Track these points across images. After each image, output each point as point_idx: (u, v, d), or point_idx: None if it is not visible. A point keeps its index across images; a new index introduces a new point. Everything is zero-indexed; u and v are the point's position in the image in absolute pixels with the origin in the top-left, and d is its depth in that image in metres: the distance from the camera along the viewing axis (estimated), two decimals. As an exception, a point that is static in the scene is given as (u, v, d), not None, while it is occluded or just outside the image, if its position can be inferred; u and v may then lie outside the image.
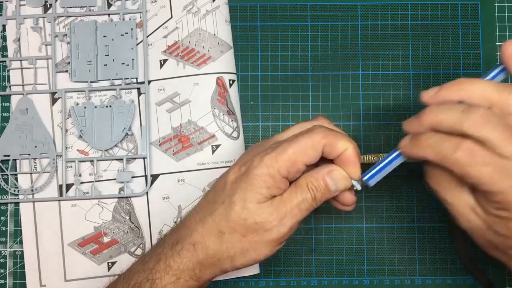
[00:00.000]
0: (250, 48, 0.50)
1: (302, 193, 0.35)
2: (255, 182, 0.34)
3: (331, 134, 0.34)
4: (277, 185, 0.34)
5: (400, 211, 0.49)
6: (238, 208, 0.34)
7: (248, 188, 0.34)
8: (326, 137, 0.34)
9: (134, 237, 0.47)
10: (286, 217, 0.34)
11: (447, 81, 0.50)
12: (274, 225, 0.34)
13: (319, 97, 0.50)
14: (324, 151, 0.35)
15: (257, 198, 0.34)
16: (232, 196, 0.34)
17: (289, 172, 0.34)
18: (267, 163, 0.34)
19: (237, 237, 0.34)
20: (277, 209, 0.34)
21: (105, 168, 0.47)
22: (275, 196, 0.35)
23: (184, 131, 0.48)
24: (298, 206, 0.34)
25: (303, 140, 0.34)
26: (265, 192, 0.34)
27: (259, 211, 0.34)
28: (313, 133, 0.34)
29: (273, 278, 0.48)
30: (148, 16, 0.49)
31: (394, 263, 0.48)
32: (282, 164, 0.34)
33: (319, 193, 0.35)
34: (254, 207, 0.34)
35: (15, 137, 0.47)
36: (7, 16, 0.49)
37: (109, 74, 0.48)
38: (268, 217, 0.34)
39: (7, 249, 0.48)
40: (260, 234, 0.34)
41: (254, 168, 0.34)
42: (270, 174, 0.34)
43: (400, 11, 0.50)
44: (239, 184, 0.35)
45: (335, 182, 0.35)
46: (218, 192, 0.36)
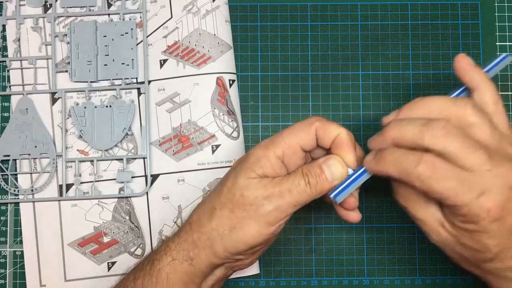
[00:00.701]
0: (250, 48, 0.50)
1: (295, 178, 0.34)
2: (250, 160, 0.35)
3: (323, 119, 0.36)
4: (271, 165, 0.35)
5: (400, 211, 0.49)
6: (230, 183, 0.35)
7: (242, 165, 0.35)
8: (319, 120, 0.35)
9: (134, 237, 0.47)
10: (273, 196, 0.34)
11: (447, 81, 0.50)
12: (260, 200, 0.34)
13: (319, 97, 0.50)
14: (318, 136, 0.35)
15: (248, 174, 0.35)
16: (228, 175, 0.36)
17: (284, 154, 0.35)
18: (262, 145, 0.36)
19: (226, 213, 0.34)
20: (265, 187, 0.34)
21: (105, 168, 0.47)
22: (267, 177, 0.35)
23: (184, 131, 0.48)
24: (289, 189, 0.34)
25: (297, 124, 0.36)
26: (257, 169, 0.35)
27: (246, 184, 0.34)
28: (308, 118, 0.36)
29: (273, 278, 0.48)
30: (148, 16, 0.49)
31: (394, 263, 0.48)
32: (277, 145, 0.35)
33: (314, 178, 0.34)
34: (243, 182, 0.34)
35: (15, 137, 0.47)
36: (7, 16, 0.49)
37: (109, 74, 0.48)
38: (253, 192, 0.34)
39: (7, 249, 0.48)
40: (246, 209, 0.34)
41: (251, 150, 0.36)
42: (265, 153, 0.35)
43: (400, 11, 0.50)
44: (236, 166, 0.36)
45: (330, 169, 0.35)
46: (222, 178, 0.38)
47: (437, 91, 0.50)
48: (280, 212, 0.34)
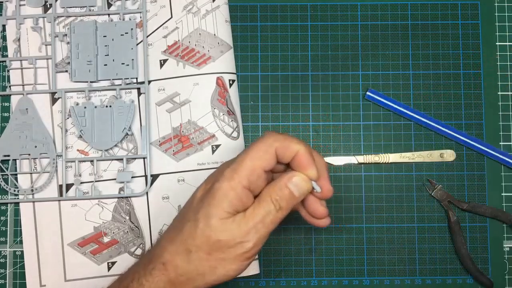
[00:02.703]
0: (250, 48, 0.50)
1: (265, 206, 0.34)
2: (217, 197, 0.34)
3: (281, 137, 0.35)
4: (239, 197, 0.34)
5: (400, 211, 0.49)
6: (202, 225, 0.34)
7: (211, 203, 0.34)
8: (278, 140, 0.35)
9: (134, 237, 0.47)
10: (249, 233, 0.34)
11: (447, 81, 0.50)
12: (237, 242, 0.34)
13: (319, 97, 0.50)
14: (278, 154, 0.35)
15: (219, 214, 0.34)
16: (197, 213, 0.34)
17: (249, 182, 0.34)
18: (227, 176, 0.34)
19: (203, 255, 0.34)
20: (239, 226, 0.34)
21: (105, 168, 0.47)
22: (239, 212, 0.34)
23: (184, 131, 0.48)
24: (262, 221, 0.34)
25: (257, 146, 0.35)
26: (227, 206, 0.34)
27: (221, 228, 0.34)
28: (265, 138, 0.35)
29: (273, 278, 0.48)
30: (148, 16, 0.49)
31: (394, 263, 0.48)
32: (241, 174, 0.34)
33: (284, 201, 0.35)
34: (217, 224, 0.34)
35: (15, 137, 0.47)
36: (7, 16, 0.49)
37: (109, 74, 0.48)
38: (230, 234, 0.34)
39: (7, 249, 0.48)
40: (225, 251, 0.34)
41: (215, 183, 0.34)
42: (232, 186, 0.34)
43: (400, 11, 0.50)
44: (203, 200, 0.35)
45: (297, 187, 0.35)
46: (186, 209, 0.37)
47: (437, 91, 0.50)
48: (259, 244, 0.35)
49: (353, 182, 0.49)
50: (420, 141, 0.49)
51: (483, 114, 0.49)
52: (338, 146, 0.49)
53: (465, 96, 0.50)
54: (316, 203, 0.37)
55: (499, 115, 0.50)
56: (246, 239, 0.34)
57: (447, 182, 0.49)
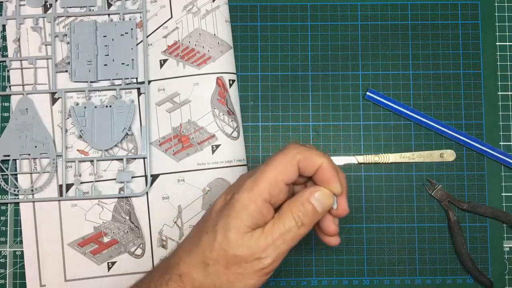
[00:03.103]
0: (250, 48, 0.50)
1: (286, 222, 0.33)
2: (237, 208, 0.33)
3: (304, 149, 0.34)
4: (259, 210, 0.33)
5: (400, 211, 0.49)
6: (220, 238, 0.33)
7: (230, 215, 0.33)
8: (301, 152, 0.34)
9: (134, 237, 0.47)
10: (268, 249, 0.33)
11: (447, 81, 0.50)
12: (256, 258, 0.33)
13: (319, 97, 0.50)
14: (300, 167, 0.34)
15: (239, 227, 0.33)
16: (216, 224, 0.34)
17: (271, 195, 0.33)
18: (247, 188, 0.33)
19: (220, 269, 0.33)
20: (257, 241, 0.33)
21: (105, 168, 0.47)
22: (258, 226, 0.34)
23: (184, 131, 0.48)
24: (282, 237, 0.33)
25: (279, 158, 0.34)
26: (246, 219, 0.33)
27: (240, 243, 0.33)
28: (287, 149, 0.34)
29: (273, 278, 0.48)
30: (148, 16, 0.49)
31: (394, 263, 0.48)
32: (262, 186, 0.33)
33: (307, 218, 0.34)
34: (235, 238, 0.33)
35: (15, 137, 0.47)
36: (7, 16, 0.49)
37: (109, 74, 0.48)
38: (247, 250, 0.33)
39: (7, 249, 0.48)
40: (242, 266, 0.33)
41: (235, 194, 0.34)
42: (251, 198, 0.33)
43: (400, 11, 0.50)
44: (223, 211, 0.34)
45: (320, 202, 0.34)
46: (205, 221, 0.36)
47: (437, 91, 0.50)
48: (278, 260, 0.34)
49: (353, 182, 0.49)
50: (420, 141, 0.49)
51: (483, 114, 0.49)
52: (338, 146, 0.49)
53: (465, 96, 0.50)
54: (329, 220, 0.36)
55: (499, 115, 0.50)
56: (264, 255, 0.33)
57: (447, 182, 0.49)
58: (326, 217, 0.36)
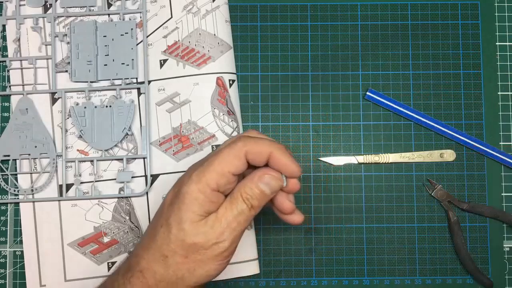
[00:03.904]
0: (250, 48, 0.50)
1: (238, 205, 0.34)
2: (186, 201, 0.34)
3: (251, 141, 0.35)
4: (209, 199, 0.34)
5: (400, 211, 0.49)
6: (175, 230, 0.34)
7: (181, 207, 0.34)
8: (247, 144, 0.34)
9: (134, 237, 0.47)
10: (224, 233, 0.34)
11: (447, 81, 0.50)
12: (214, 243, 0.34)
13: (319, 97, 0.50)
14: (250, 159, 0.35)
15: (191, 218, 0.34)
16: (169, 218, 0.34)
17: (218, 185, 0.34)
18: (194, 180, 0.34)
19: (180, 259, 0.34)
20: (213, 227, 0.34)
21: (105, 168, 0.47)
22: (211, 212, 0.34)
23: (184, 131, 0.48)
24: (236, 219, 0.34)
25: (225, 151, 0.34)
26: (198, 209, 0.34)
27: (195, 231, 0.34)
28: (234, 142, 0.35)
29: (273, 278, 0.48)
30: (148, 16, 0.49)
31: (394, 263, 0.48)
32: (210, 177, 0.34)
33: (255, 200, 0.35)
34: (190, 227, 0.34)
35: (15, 137, 0.47)
36: (7, 16, 0.49)
37: (109, 74, 0.48)
38: (204, 237, 0.34)
39: (7, 249, 0.48)
40: (201, 253, 0.34)
41: (183, 186, 0.34)
42: (200, 189, 0.34)
43: (400, 11, 0.50)
44: (173, 205, 0.35)
45: (268, 186, 0.35)
46: (158, 216, 0.36)
47: (437, 91, 0.50)
48: (235, 242, 0.35)
49: (353, 182, 0.49)
50: (420, 141, 0.49)
51: (483, 114, 0.49)
52: (338, 146, 0.49)
53: (465, 96, 0.50)
54: (282, 197, 0.37)
55: (499, 115, 0.50)
56: (222, 239, 0.34)
57: (447, 182, 0.49)
58: (279, 195, 0.37)
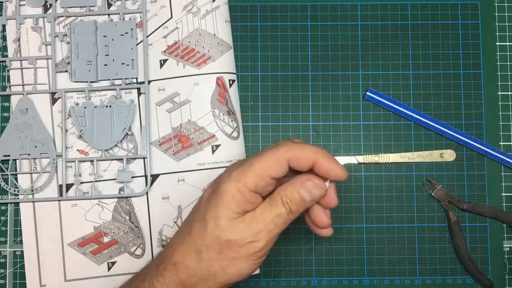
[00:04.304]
0: (250, 48, 0.50)
1: (277, 208, 0.34)
2: (224, 198, 0.34)
3: (295, 147, 0.35)
4: (246, 199, 0.34)
5: (400, 211, 0.49)
6: (211, 226, 0.34)
7: (218, 204, 0.34)
8: (290, 150, 0.35)
9: (134, 237, 0.47)
10: (260, 233, 0.34)
11: (447, 81, 0.50)
12: (249, 241, 0.34)
13: (319, 97, 0.50)
14: (293, 166, 0.35)
15: (228, 215, 0.34)
16: (205, 214, 0.35)
17: (256, 186, 0.34)
18: (233, 179, 0.34)
19: (214, 255, 0.34)
20: (249, 226, 0.34)
21: (105, 168, 0.47)
22: (248, 211, 0.34)
23: (184, 131, 0.48)
24: (273, 221, 0.34)
25: (268, 155, 0.35)
26: (235, 207, 0.34)
27: (231, 228, 0.34)
28: (278, 147, 0.35)
29: (273, 278, 0.48)
30: (148, 16, 0.49)
31: (394, 263, 0.48)
32: (249, 179, 0.34)
33: (294, 205, 0.35)
34: (226, 224, 0.34)
35: (15, 137, 0.47)
36: (7, 16, 0.49)
37: (109, 74, 0.48)
38: (240, 234, 0.34)
39: (7, 249, 0.48)
40: (235, 251, 0.34)
41: (222, 184, 0.35)
42: (238, 188, 0.34)
43: (400, 11, 0.50)
44: (210, 201, 0.35)
45: (309, 193, 0.35)
46: (195, 211, 0.37)
47: (437, 91, 0.50)
48: (270, 243, 0.35)
49: (353, 182, 0.49)
50: (420, 141, 0.49)
51: (483, 114, 0.49)
52: (338, 146, 0.49)
53: (465, 96, 0.50)
54: (320, 212, 0.37)
55: (499, 115, 0.50)
56: (257, 239, 0.34)
57: (447, 182, 0.49)
58: (317, 210, 0.37)
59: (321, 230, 0.38)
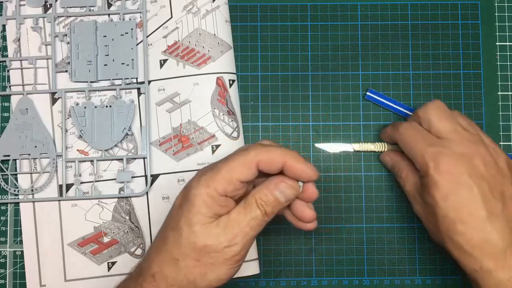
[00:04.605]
0: (250, 48, 0.50)
1: (252, 211, 0.34)
2: (196, 203, 0.34)
3: (263, 151, 0.35)
4: (217, 203, 0.34)
5: (400, 211, 0.49)
6: (186, 233, 0.34)
7: (190, 210, 0.34)
8: (259, 154, 0.34)
9: (134, 237, 0.47)
10: (237, 237, 0.34)
11: (447, 81, 0.50)
12: (225, 246, 0.34)
13: (319, 97, 0.50)
14: (263, 168, 0.35)
15: (200, 220, 0.34)
16: (179, 221, 0.34)
17: (225, 191, 0.34)
18: (202, 184, 0.34)
19: (191, 262, 0.34)
20: (224, 230, 0.34)
21: (105, 168, 0.47)
22: (221, 215, 0.34)
23: (184, 131, 0.48)
24: (249, 224, 0.34)
25: (236, 158, 0.35)
26: (207, 212, 0.34)
27: (206, 234, 0.34)
28: (246, 151, 0.35)
29: (273, 278, 0.48)
30: (148, 16, 0.49)
31: (394, 263, 0.48)
32: (218, 183, 0.34)
33: (269, 207, 0.35)
34: (200, 230, 0.34)
35: (15, 137, 0.47)
36: (7, 16, 0.49)
37: (109, 74, 0.48)
38: (216, 239, 0.34)
39: (7, 249, 0.48)
40: (213, 256, 0.34)
41: (192, 189, 0.34)
42: (208, 193, 0.34)
43: (400, 11, 0.50)
44: (183, 208, 0.35)
45: (283, 194, 0.35)
46: (168, 219, 0.37)
47: (437, 91, 0.50)
48: (246, 247, 0.35)
49: (353, 182, 0.49)
50: (420, 141, 0.49)
51: (483, 114, 0.49)
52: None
53: (465, 96, 0.50)
54: (302, 206, 0.37)
55: (499, 115, 0.50)
56: (234, 243, 0.34)
57: (447, 182, 0.49)
58: (300, 204, 0.37)
59: (306, 225, 0.38)
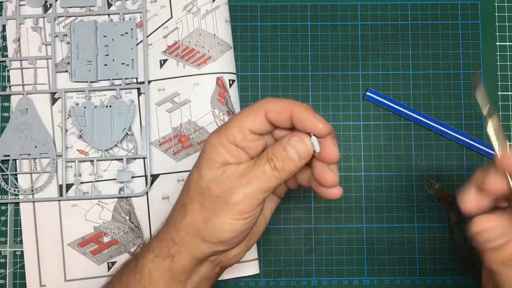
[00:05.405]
0: (250, 48, 0.50)
1: (261, 165, 0.34)
2: (207, 148, 0.35)
3: (271, 99, 0.34)
4: (227, 151, 0.34)
5: (400, 211, 0.49)
6: (195, 177, 0.35)
7: (201, 155, 0.35)
8: (267, 102, 0.34)
9: (134, 237, 0.47)
10: (240, 186, 0.33)
11: (447, 81, 0.50)
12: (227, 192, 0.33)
13: (319, 97, 0.50)
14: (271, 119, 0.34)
15: (209, 164, 0.34)
16: (193, 168, 0.35)
17: (235, 138, 0.34)
18: (217, 131, 0.35)
19: (197, 207, 0.34)
20: (230, 177, 0.34)
21: (105, 168, 0.47)
22: (229, 163, 0.34)
23: (184, 131, 0.48)
24: (256, 176, 0.33)
25: (246, 109, 0.35)
26: (216, 157, 0.34)
27: (211, 177, 0.34)
28: (259, 101, 0.35)
29: (273, 278, 0.48)
30: (148, 16, 0.49)
31: (394, 263, 0.48)
32: (229, 132, 0.34)
33: (280, 162, 0.33)
34: (207, 173, 0.34)
35: (15, 137, 0.47)
36: (7, 16, 0.49)
37: (109, 74, 0.48)
38: (220, 184, 0.33)
39: (7, 249, 0.48)
40: (215, 202, 0.34)
41: (208, 137, 0.35)
42: (219, 139, 0.34)
43: (400, 11, 0.50)
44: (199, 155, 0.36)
45: (294, 148, 0.33)
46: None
47: (437, 91, 0.50)
48: (250, 200, 0.33)
49: (353, 182, 0.49)
50: (420, 141, 0.49)
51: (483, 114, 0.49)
52: (338, 146, 0.49)
53: (465, 96, 0.50)
54: (324, 168, 0.35)
55: (499, 115, 0.50)
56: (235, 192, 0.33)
57: (447, 182, 0.49)
58: (319, 166, 0.35)
59: (328, 191, 0.36)
